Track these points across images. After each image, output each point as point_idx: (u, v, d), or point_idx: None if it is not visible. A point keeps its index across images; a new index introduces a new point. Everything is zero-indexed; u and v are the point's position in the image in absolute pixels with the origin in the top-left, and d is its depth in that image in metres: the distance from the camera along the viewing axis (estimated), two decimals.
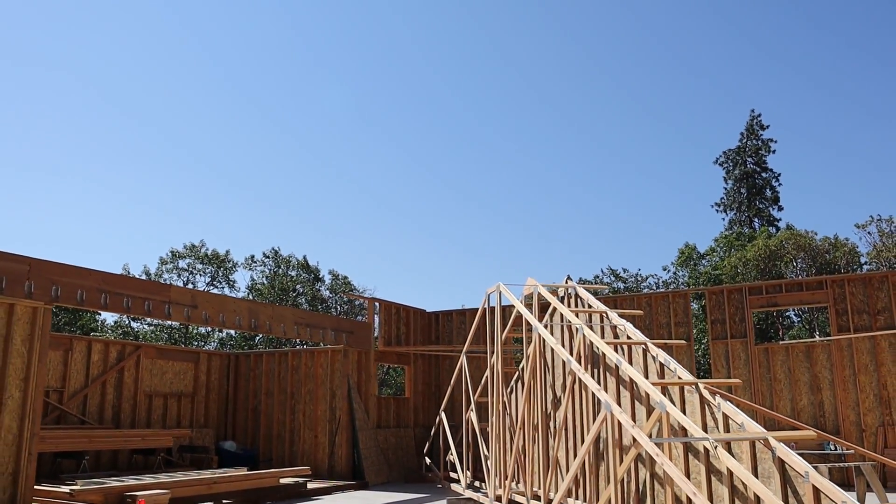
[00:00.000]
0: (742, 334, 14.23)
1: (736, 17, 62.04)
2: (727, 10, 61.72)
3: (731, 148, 46.88)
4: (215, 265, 36.01)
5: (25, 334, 9.38)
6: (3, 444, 9.00)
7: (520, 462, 10.13)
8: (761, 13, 60.98)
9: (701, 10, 62.63)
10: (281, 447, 15.57)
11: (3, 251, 9.26)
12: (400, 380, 28.20)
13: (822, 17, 59.88)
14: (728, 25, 62.36)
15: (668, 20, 63.11)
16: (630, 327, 8.75)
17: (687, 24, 63.30)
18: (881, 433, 12.99)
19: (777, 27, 61.15)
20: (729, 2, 61.57)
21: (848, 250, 27.99)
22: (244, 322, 12.43)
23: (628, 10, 63.28)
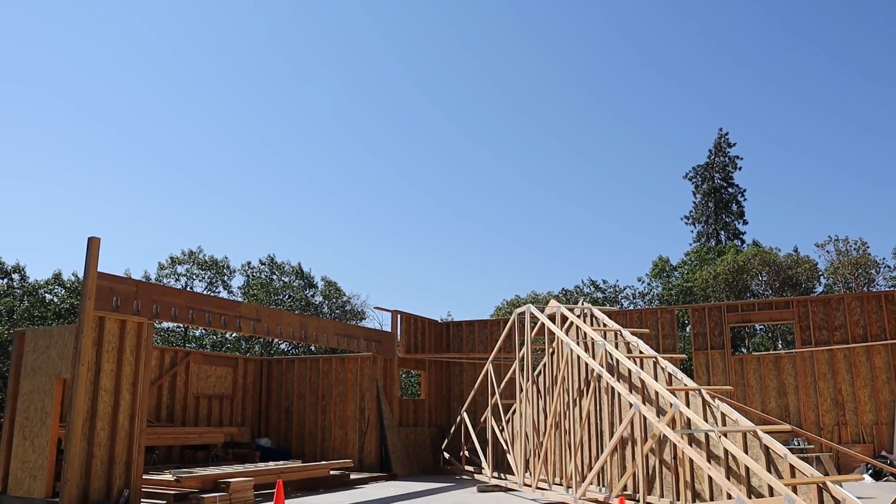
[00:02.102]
0: (720, 346, 16.46)
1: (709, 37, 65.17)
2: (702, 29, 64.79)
3: (699, 164, 49.56)
4: (213, 271, 37.43)
5: (133, 345, 11.10)
6: (119, 439, 10.72)
7: (545, 452, 12.13)
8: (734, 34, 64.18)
9: (678, 31, 65.63)
10: (312, 444, 17.37)
11: (118, 276, 10.99)
12: (411, 383, 30.12)
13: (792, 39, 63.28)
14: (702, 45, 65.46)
15: (645, 39, 66.00)
16: (642, 343, 10.85)
17: (662, 44, 66.26)
18: (836, 431, 15.32)
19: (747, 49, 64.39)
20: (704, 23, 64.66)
21: (809, 267, 30.64)
22: (296, 333, 14.27)
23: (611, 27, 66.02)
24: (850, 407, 15.33)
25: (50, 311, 29.51)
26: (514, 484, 12.83)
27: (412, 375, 28.53)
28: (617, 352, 10.61)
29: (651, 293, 36.61)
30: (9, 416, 12.38)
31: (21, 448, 11.84)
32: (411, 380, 28.27)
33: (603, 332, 11.82)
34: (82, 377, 10.21)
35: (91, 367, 10.38)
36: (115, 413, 10.65)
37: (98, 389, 10.46)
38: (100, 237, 10.66)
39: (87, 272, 10.48)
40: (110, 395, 10.62)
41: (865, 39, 59.90)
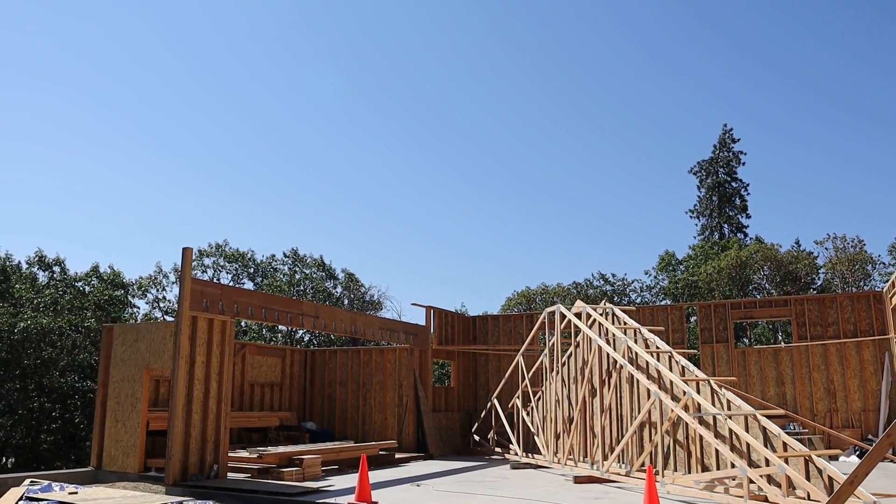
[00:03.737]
0: (725, 339, 18.19)
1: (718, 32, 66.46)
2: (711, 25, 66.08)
3: (704, 158, 51.12)
4: (239, 263, 39.18)
5: (219, 340, 12.84)
6: (209, 422, 12.47)
7: (572, 433, 13.90)
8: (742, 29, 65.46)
9: (686, 26, 66.91)
10: (354, 427, 19.18)
11: (206, 281, 12.73)
12: (440, 373, 31.87)
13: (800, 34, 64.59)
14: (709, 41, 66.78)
15: (653, 33, 67.32)
16: (658, 340, 12.59)
17: (670, 39, 67.58)
18: (828, 417, 17.07)
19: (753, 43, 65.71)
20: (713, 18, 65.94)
21: (808, 262, 32.31)
22: (348, 328, 16.03)
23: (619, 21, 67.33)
24: (841, 395, 17.07)
25: (89, 301, 31.23)
26: (543, 461, 14.62)
27: (442, 365, 30.26)
28: (637, 346, 12.35)
29: (657, 286, 38.31)
30: (100, 401, 14.16)
31: (114, 429, 13.63)
32: (441, 369, 30.04)
33: (623, 330, 13.53)
34: (181, 369, 11.97)
35: (187, 360, 12.13)
36: (205, 399, 12.41)
37: (192, 379, 12.20)
38: (192, 247, 12.39)
39: (182, 279, 12.21)
40: (202, 383, 12.37)
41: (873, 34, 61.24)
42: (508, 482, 12.28)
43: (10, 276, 30.23)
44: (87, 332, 30.04)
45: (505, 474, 13.62)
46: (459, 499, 10.12)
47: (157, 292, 37.25)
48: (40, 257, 32.28)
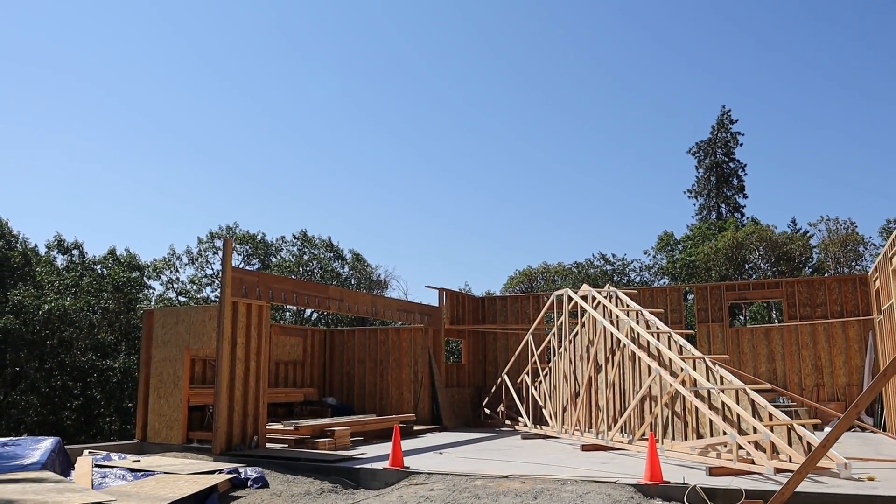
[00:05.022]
0: (720, 319, 19.40)
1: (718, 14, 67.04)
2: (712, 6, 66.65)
3: (702, 139, 52.08)
4: (249, 245, 40.23)
5: (256, 323, 14.00)
6: (249, 397, 13.67)
7: (579, 405, 15.14)
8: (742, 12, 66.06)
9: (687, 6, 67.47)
10: (372, 402, 20.44)
11: (245, 269, 13.86)
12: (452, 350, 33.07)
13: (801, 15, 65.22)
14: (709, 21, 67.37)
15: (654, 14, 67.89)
16: (658, 321, 13.78)
17: (670, 20, 68.16)
18: (815, 391, 18.33)
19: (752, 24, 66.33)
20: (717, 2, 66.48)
21: (802, 243, 33.47)
22: (369, 310, 17.22)
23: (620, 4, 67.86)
24: (828, 371, 18.32)
25: (108, 283, 32.30)
26: (551, 432, 15.89)
27: (453, 343, 31.49)
28: (638, 327, 13.55)
29: (656, 266, 39.47)
30: (143, 379, 15.37)
31: (157, 405, 14.85)
32: (452, 347, 31.28)
33: (626, 311, 14.71)
34: (225, 350, 13.15)
35: (230, 342, 13.30)
36: (246, 377, 13.61)
37: (234, 359, 13.39)
38: (232, 240, 13.50)
39: (224, 268, 13.35)
40: (242, 363, 13.56)
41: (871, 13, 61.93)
42: (522, 450, 13.54)
43: (31, 261, 31.31)
44: (105, 313, 31.23)
45: (517, 443, 14.89)
46: (481, 464, 11.35)
47: (171, 274, 38.38)
48: (59, 241, 33.32)
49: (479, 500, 8.57)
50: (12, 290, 28.06)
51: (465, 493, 8.90)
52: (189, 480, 9.41)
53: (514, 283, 40.50)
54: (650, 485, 8.96)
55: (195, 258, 38.38)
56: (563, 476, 9.72)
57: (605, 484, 9.11)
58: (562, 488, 8.93)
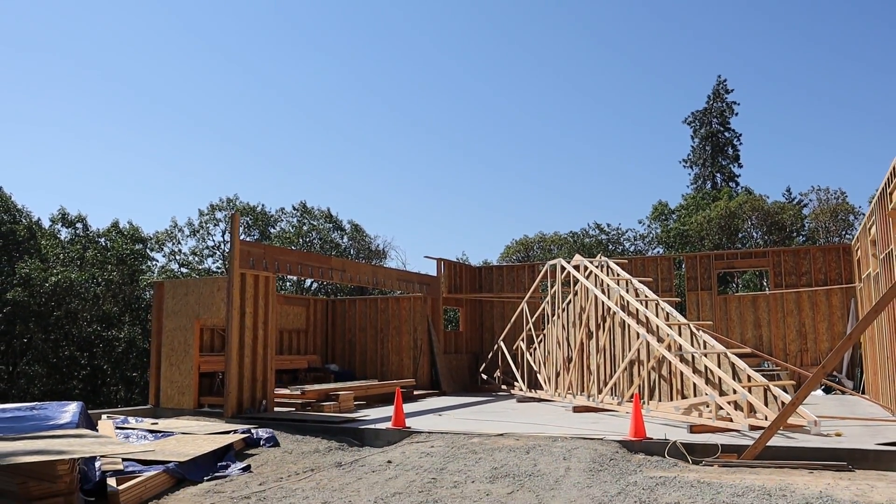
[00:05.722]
0: (709, 288, 20.09)
1: None
2: None
3: (698, 109, 52.40)
4: (250, 217, 40.75)
5: (263, 294, 14.64)
6: (258, 364, 14.36)
7: (571, 370, 15.89)
8: None
9: None
10: (373, 368, 21.20)
11: (251, 242, 14.46)
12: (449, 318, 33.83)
13: None
14: None
15: None
16: (647, 289, 14.45)
17: None
18: (799, 356, 19.09)
19: None
20: None
21: (793, 213, 34.09)
22: (370, 280, 17.88)
23: None
24: (811, 337, 19.06)
25: (112, 256, 32.90)
26: (545, 395, 16.66)
27: (451, 311, 32.28)
28: (628, 295, 14.22)
29: (650, 235, 40.13)
30: (155, 347, 16.05)
31: (169, 372, 15.55)
32: (450, 315, 32.04)
33: (616, 280, 15.38)
34: (234, 319, 13.80)
35: (239, 311, 13.95)
36: (254, 344, 14.29)
37: (243, 328, 14.06)
38: (239, 214, 14.06)
39: (232, 241, 13.93)
40: (251, 331, 14.23)
41: None
42: (517, 412, 14.30)
43: (36, 234, 31.85)
44: (109, 285, 31.89)
45: (512, 406, 15.65)
46: (479, 424, 12.09)
47: (173, 245, 38.95)
48: (63, 215, 33.84)
49: (476, 454, 9.29)
50: (19, 264, 28.67)
51: (463, 449, 9.63)
52: (207, 439, 10.12)
53: (511, 252, 41.17)
54: (634, 441, 9.70)
55: (197, 230, 38.93)
56: (555, 434, 10.44)
57: (592, 440, 9.84)
58: (552, 444, 9.66)
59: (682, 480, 7.67)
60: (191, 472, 8.73)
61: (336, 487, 8.14)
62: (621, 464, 8.65)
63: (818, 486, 7.24)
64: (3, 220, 29.96)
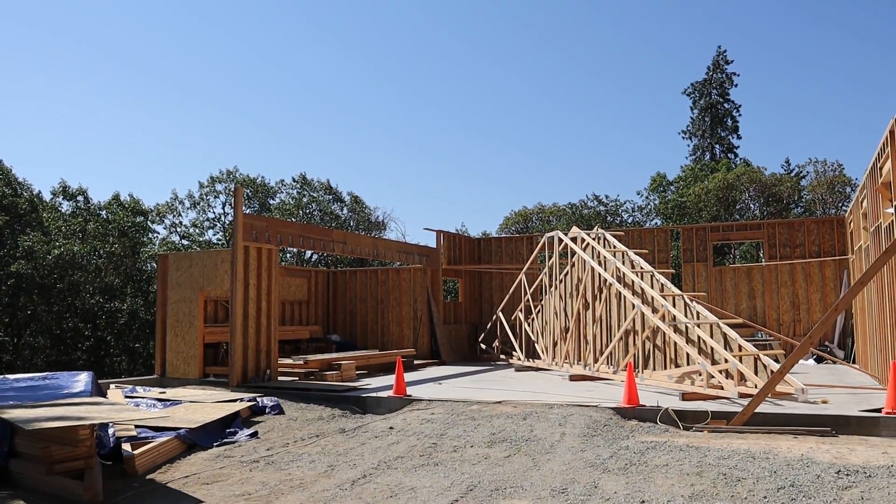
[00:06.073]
0: (704, 259, 20.38)
1: None
2: None
3: (698, 80, 52.25)
4: (250, 189, 40.88)
5: (266, 266, 14.91)
6: (261, 334, 14.68)
7: (568, 339, 16.24)
8: None
9: None
10: (374, 338, 21.58)
11: (254, 215, 14.71)
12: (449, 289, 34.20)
13: None
14: None
15: None
16: (642, 261, 14.74)
17: None
18: (792, 327, 19.45)
19: None
20: None
21: (791, 185, 34.26)
22: (371, 252, 18.16)
23: None
24: (804, 308, 19.40)
25: (114, 228, 33.10)
26: (543, 364, 17.04)
27: (451, 282, 32.64)
28: (624, 267, 14.51)
29: (648, 206, 40.35)
30: (161, 319, 16.37)
31: (174, 343, 15.89)
32: (449, 286, 32.37)
33: (613, 252, 15.65)
34: (238, 291, 14.10)
35: (243, 283, 14.24)
36: (258, 315, 14.60)
37: (247, 299, 14.36)
38: (242, 188, 14.27)
39: (236, 214, 14.17)
40: (255, 302, 14.53)
41: None
42: (515, 380, 14.68)
43: (37, 207, 32.03)
44: (111, 257, 32.15)
45: (511, 375, 16.04)
46: (478, 392, 12.45)
47: (174, 218, 39.16)
48: (64, 188, 33.98)
49: (475, 421, 9.65)
50: (21, 236, 28.90)
51: (463, 416, 9.99)
52: (215, 407, 10.46)
53: (510, 223, 41.40)
54: (627, 408, 10.05)
55: (197, 202, 39.11)
56: (551, 401, 10.80)
57: (587, 407, 10.19)
58: (549, 411, 10.01)
59: (671, 445, 8.02)
60: (200, 438, 9.08)
61: (341, 452, 8.49)
62: (614, 429, 9.00)
63: (801, 449, 7.59)
64: (5, 194, 30.10)
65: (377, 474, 7.32)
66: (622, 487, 6.53)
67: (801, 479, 6.42)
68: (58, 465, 6.65)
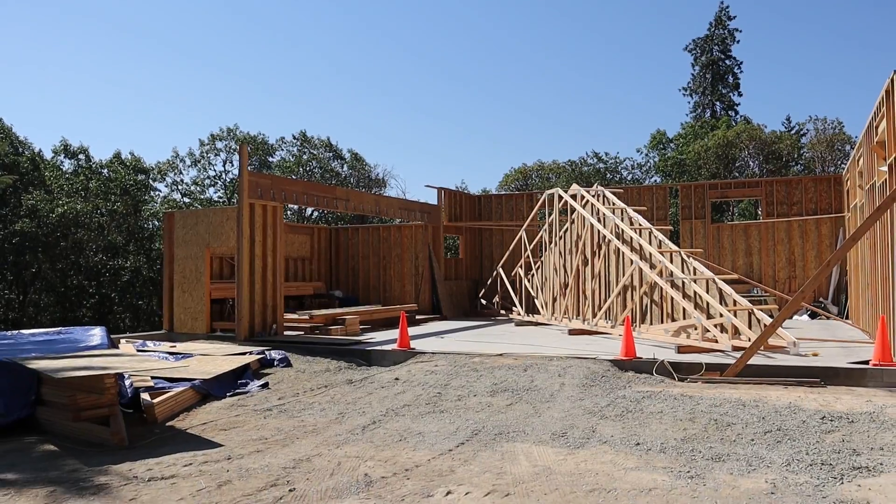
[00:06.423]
0: (702, 216, 20.64)
1: None
2: None
3: (699, 36, 51.76)
4: (250, 146, 40.86)
5: (272, 223, 15.15)
6: (267, 290, 15.00)
7: (567, 294, 16.59)
8: None
9: None
10: (376, 294, 21.94)
11: (260, 173, 14.91)
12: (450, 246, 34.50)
13: None
14: None
15: None
16: (641, 218, 15.00)
17: None
18: (788, 283, 19.80)
19: None
20: None
21: (790, 143, 34.32)
22: (373, 209, 18.42)
23: None
24: (800, 265, 19.73)
25: (116, 187, 33.21)
26: (542, 319, 17.43)
27: (451, 239, 32.96)
28: (622, 224, 14.78)
29: (648, 164, 40.44)
30: (167, 275, 16.67)
31: (181, 299, 16.21)
32: (450, 243, 32.69)
33: (612, 209, 15.90)
34: (245, 248, 14.37)
35: (249, 240, 14.51)
36: (264, 271, 14.90)
37: (253, 256, 14.64)
38: (247, 146, 14.43)
39: (241, 172, 14.36)
40: (260, 259, 14.82)
41: None
42: (515, 334, 15.07)
43: (39, 166, 32.09)
44: (113, 216, 32.36)
45: (511, 329, 16.43)
46: (479, 345, 12.83)
47: (175, 176, 39.25)
48: (65, 146, 33.98)
49: (478, 372, 10.02)
50: (25, 195, 29.05)
51: (465, 368, 10.36)
52: (226, 360, 10.82)
53: (510, 180, 41.52)
54: (625, 360, 10.41)
55: (198, 160, 39.14)
56: (551, 354, 11.17)
57: (586, 360, 10.56)
58: (549, 363, 10.38)
59: (666, 394, 8.40)
60: (214, 388, 9.45)
61: (349, 401, 8.87)
62: (612, 380, 9.37)
63: (789, 398, 7.96)
64: (7, 153, 30.14)
65: (386, 421, 7.70)
66: (618, 432, 6.90)
67: (787, 424, 6.79)
68: (84, 413, 7.00)
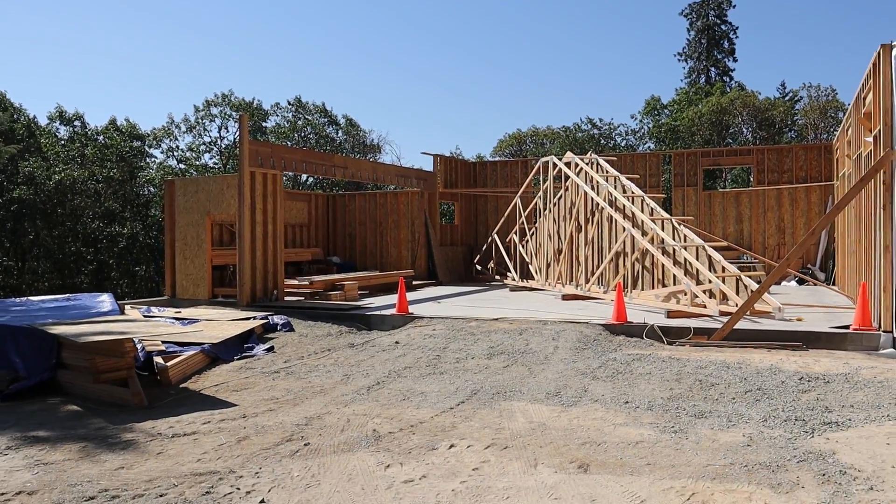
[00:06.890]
0: (695, 184, 20.97)
1: None
2: None
3: (695, 1, 51.52)
4: (247, 112, 40.80)
5: (272, 191, 15.40)
6: (268, 257, 15.32)
7: (561, 260, 16.98)
8: None
9: None
10: (373, 260, 22.31)
11: (260, 141, 15.10)
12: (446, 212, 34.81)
13: None
14: None
15: None
16: (633, 186, 15.32)
17: None
18: (777, 250, 20.23)
19: None
20: None
21: (784, 109, 34.50)
22: (370, 176, 18.66)
23: None
24: (790, 232, 20.14)
25: (111, 153, 33.26)
26: (536, 285, 17.85)
27: (447, 205, 33.27)
28: (615, 191, 15.11)
29: (642, 130, 40.60)
30: (169, 242, 16.96)
31: (183, 266, 16.53)
32: (445, 209, 32.99)
33: (605, 177, 16.21)
34: (246, 215, 14.66)
35: (250, 208, 14.79)
36: (265, 238, 15.21)
37: (254, 223, 14.93)
38: (247, 115, 14.60)
39: (242, 141, 14.58)
40: (261, 226, 15.12)
41: None
42: (510, 299, 15.48)
43: (35, 133, 32.07)
44: (109, 182, 32.47)
45: (506, 295, 16.84)
46: (475, 310, 13.23)
47: (170, 142, 39.23)
48: (61, 112, 33.91)
49: (475, 336, 10.43)
50: (22, 162, 29.11)
51: (462, 332, 10.76)
52: (231, 324, 11.19)
53: (504, 146, 41.68)
54: (616, 324, 10.83)
55: (193, 126, 39.09)
56: (545, 318, 11.58)
57: (579, 324, 10.97)
58: (543, 327, 10.80)
59: (655, 357, 8.82)
60: (222, 352, 9.83)
61: (353, 363, 9.27)
62: (603, 343, 9.79)
63: (771, 360, 8.39)
64: (2, 120, 30.11)
65: (389, 381, 8.10)
66: (609, 391, 7.32)
67: (766, 385, 7.22)
68: (103, 375, 7.37)
